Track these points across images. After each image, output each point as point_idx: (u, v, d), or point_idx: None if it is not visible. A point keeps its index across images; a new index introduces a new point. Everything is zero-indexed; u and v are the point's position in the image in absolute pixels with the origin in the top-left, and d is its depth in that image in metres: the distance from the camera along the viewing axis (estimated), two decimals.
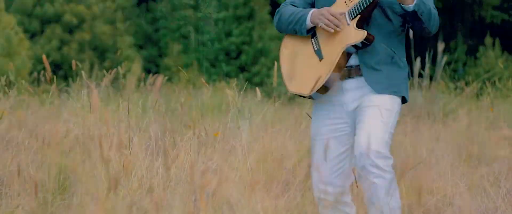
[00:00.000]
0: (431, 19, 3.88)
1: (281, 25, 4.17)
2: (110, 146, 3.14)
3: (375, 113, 3.87)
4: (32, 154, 5.04)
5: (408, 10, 3.83)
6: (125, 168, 4.23)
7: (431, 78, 11.38)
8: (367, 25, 3.94)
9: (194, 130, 5.07)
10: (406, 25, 4.05)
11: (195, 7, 28.32)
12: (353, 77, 3.98)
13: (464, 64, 27.03)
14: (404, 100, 4.06)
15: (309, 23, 4.03)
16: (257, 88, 4.52)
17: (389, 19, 3.98)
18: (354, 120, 3.99)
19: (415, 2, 3.80)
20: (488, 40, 25.48)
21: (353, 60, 3.98)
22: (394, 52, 3.99)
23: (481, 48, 25.58)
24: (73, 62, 6.14)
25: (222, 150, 5.21)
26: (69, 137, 5.00)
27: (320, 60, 4.00)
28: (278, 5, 29.22)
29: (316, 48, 4.04)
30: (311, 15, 4.01)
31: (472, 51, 27.57)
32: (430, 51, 12.60)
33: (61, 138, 4.66)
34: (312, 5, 4.17)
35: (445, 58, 10.03)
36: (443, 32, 26.55)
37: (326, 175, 4.03)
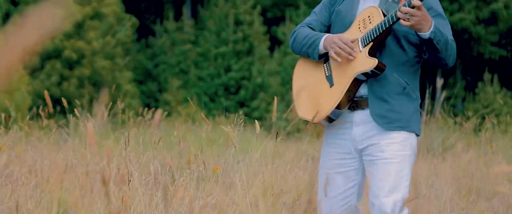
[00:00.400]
0: (447, 49, 3.76)
1: (296, 46, 4.08)
2: (110, 181, 3.14)
3: (388, 170, 3.77)
4: (30, 190, 5.03)
5: (424, 37, 3.69)
6: (125, 203, 4.22)
7: (430, 113, 11.41)
8: (380, 53, 3.84)
9: (194, 165, 5.07)
10: (422, 56, 3.92)
11: (195, 43, 28.43)
12: (363, 108, 3.87)
13: (463, 99, 27.08)
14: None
15: (321, 49, 3.94)
16: (256, 121, 4.49)
17: (404, 49, 3.85)
18: (361, 155, 3.90)
19: (431, 29, 3.66)
20: (486, 76, 25.57)
21: (364, 90, 3.87)
22: (407, 83, 3.85)
23: (479, 84, 25.66)
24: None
25: (222, 185, 5.20)
26: (68, 172, 4.99)
27: (330, 87, 3.91)
28: (277, 40, 29.40)
29: (327, 74, 3.95)
30: (324, 41, 3.92)
31: (470, 87, 27.64)
32: (429, 87, 12.66)
33: (60, 173, 4.66)
34: (329, 28, 4.09)
35: (444, 94, 10.07)
36: (441, 68, 26.65)
37: (327, 211, 3.96)
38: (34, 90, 17.72)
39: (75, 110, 5.86)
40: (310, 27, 4.10)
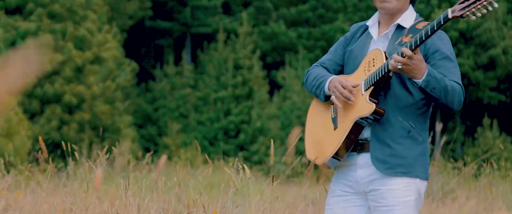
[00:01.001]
0: (447, 96, 3.71)
1: (307, 86, 4.10)
2: None
3: None
4: None
5: (417, 84, 3.70)
6: None
7: (430, 157, 11.39)
8: (385, 96, 3.81)
9: (193, 209, 5.06)
10: (428, 100, 3.85)
11: (194, 87, 28.52)
12: (368, 151, 3.85)
13: (462, 144, 27.07)
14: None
15: (326, 90, 3.95)
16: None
17: (409, 92, 3.80)
18: (367, 195, 3.89)
19: (423, 78, 3.65)
20: (486, 120, 25.60)
21: (367, 133, 3.85)
22: (412, 126, 3.81)
23: (479, 129, 25.68)
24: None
25: None
26: None
27: (334, 129, 3.91)
28: (277, 85, 29.48)
29: (333, 116, 3.95)
30: (329, 83, 3.93)
31: (470, 132, 27.65)
32: (429, 132, 12.67)
33: None
34: (342, 68, 4.09)
35: (443, 139, 10.07)
36: (441, 113, 26.69)
37: None
38: (34, 134, 17.73)
39: (75, 153, 5.88)
40: (324, 67, 4.10)
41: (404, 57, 3.62)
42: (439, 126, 11.36)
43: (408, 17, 3.94)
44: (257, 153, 25.29)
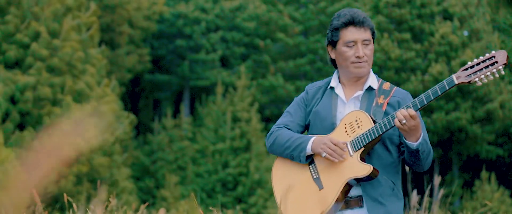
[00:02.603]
0: (428, 158, 3.86)
1: (276, 148, 4.10)
2: None
3: None
4: None
5: (412, 147, 3.77)
6: None
7: (428, 210, 11.37)
8: (369, 156, 3.89)
9: None
10: (400, 156, 3.99)
11: (192, 139, 28.54)
12: (352, 208, 3.92)
13: (461, 197, 26.99)
14: None
15: (309, 151, 3.94)
16: None
17: (389, 151, 3.92)
18: None
19: (419, 141, 3.75)
20: (484, 174, 25.57)
21: (354, 191, 3.91)
22: (394, 184, 3.92)
23: (477, 182, 25.64)
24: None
25: None
26: None
27: (320, 190, 3.90)
28: None
29: (315, 176, 3.94)
30: (312, 143, 3.93)
31: (468, 185, 27.60)
32: (427, 184, 12.67)
33: None
34: (305, 128, 4.12)
35: (442, 191, 10.08)
36: (439, 166, 26.68)
37: None
38: (31, 187, 17.65)
39: (74, 204, 5.89)
40: (288, 128, 4.11)
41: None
42: (437, 179, 11.36)
43: (374, 79, 4.03)
44: (255, 205, 25.20)
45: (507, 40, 26.78)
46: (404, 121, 3.69)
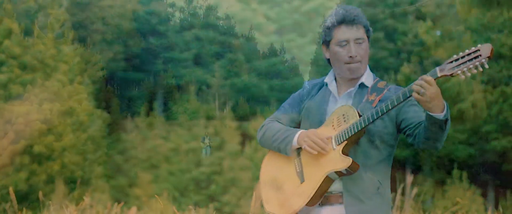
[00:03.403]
0: (445, 134, 3.67)
1: (265, 141, 4.04)
2: None
3: None
4: None
5: (439, 118, 3.56)
6: None
7: (400, 209, 11.45)
8: (355, 152, 3.80)
9: None
10: (392, 156, 3.89)
11: (166, 138, 28.46)
12: (332, 204, 3.84)
13: (433, 196, 27.18)
14: None
15: (295, 144, 3.88)
16: None
17: (378, 148, 3.83)
18: None
19: (445, 111, 3.58)
20: (455, 173, 25.75)
21: (335, 186, 3.82)
22: (380, 183, 3.82)
23: (448, 181, 25.81)
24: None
25: None
26: None
27: (301, 183, 3.85)
28: (249, 136, 29.52)
29: (298, 170, 3.89)
30: (298, 136, 3.87)
31: (440, 184, 27.80)
32: (400, 183, 12.75)
33: None
34: (298, 124, 4.05)
35: (414, 190, 10.13)
36: (411, 165, 26.84)
37: None
38: (2, 186, 17.52)
39: (50, 202, 5.85)
40: (280, 122, 4.06)
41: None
42: (409, 178, 11.43)
43: (369, 77, 4.00)
44: (228, 204, 25.18)
45: (479, 40, 27.02)
46: (422, 90, 3.53)
